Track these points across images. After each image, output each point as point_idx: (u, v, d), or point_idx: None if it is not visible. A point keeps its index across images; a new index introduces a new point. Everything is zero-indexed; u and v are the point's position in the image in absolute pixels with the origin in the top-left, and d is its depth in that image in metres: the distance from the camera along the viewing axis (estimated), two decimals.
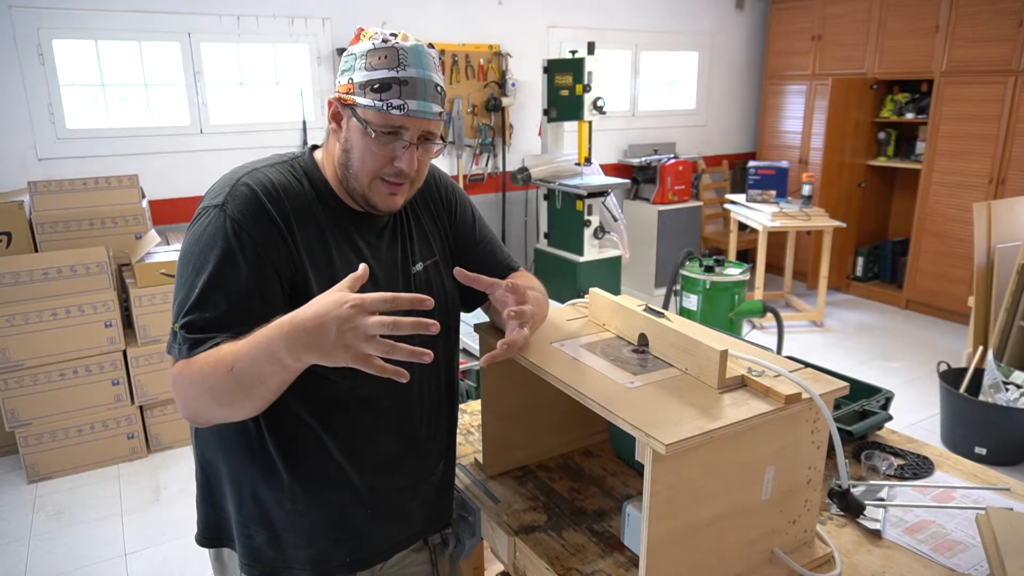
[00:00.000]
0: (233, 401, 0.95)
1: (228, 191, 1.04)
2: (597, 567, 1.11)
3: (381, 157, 1.05)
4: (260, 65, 4.11)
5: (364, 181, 1.07)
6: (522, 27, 4.89)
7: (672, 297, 3.78)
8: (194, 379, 0.95)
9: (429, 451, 1.22)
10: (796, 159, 5.70)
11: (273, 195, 1.05)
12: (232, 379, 0.92)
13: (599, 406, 0.99)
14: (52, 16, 3.46)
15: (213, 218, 1.02)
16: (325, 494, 1.12)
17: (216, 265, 0.99)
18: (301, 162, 1.13)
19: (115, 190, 3.18)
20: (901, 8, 4.93)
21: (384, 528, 1.19)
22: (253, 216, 1.02)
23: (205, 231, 1.02)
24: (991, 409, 3.08)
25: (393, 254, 1.17)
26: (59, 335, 2.96)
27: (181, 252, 1.05)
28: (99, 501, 2.90)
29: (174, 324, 1.01)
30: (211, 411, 0.99)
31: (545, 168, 4.49)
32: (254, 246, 1.01)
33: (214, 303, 0.99)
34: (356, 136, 1.05)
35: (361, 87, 1.03)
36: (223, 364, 0.92)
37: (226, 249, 1.00)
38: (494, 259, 1.31)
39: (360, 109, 1.03)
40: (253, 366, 0.90)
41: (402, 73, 1.02)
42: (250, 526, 1.12)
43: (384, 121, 1.03)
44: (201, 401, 0.98)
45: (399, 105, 1.01)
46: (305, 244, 1.06)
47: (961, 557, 1.13)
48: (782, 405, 0.97)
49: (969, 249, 4.28)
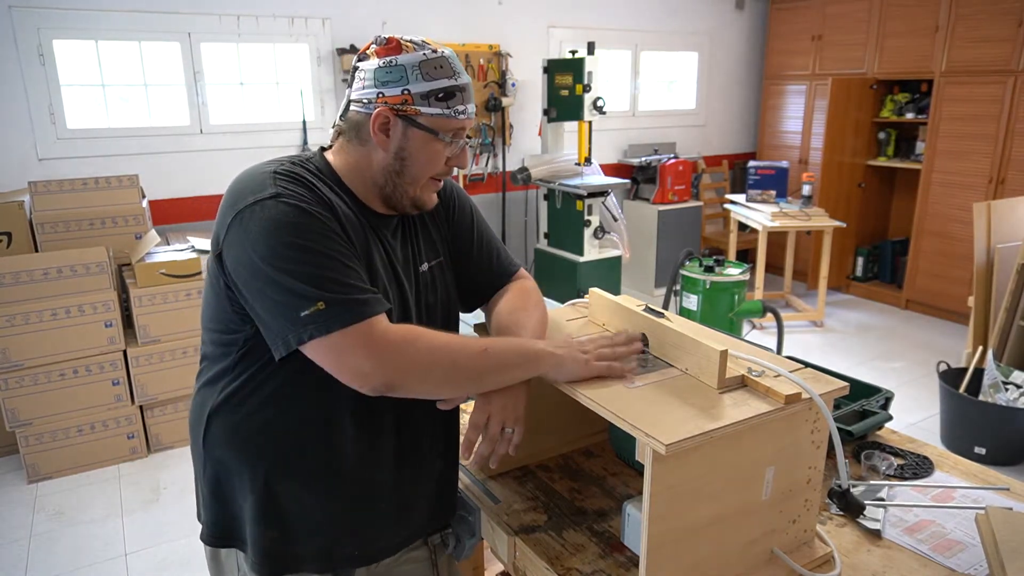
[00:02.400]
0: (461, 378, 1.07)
1: (272, 182, 1.03)
2: (597, 567, 1.11)
3: (441, 159, 1.13)
4: (260, 65, 4.11)
5: (420, 184, 1.14)
6: (522, 27, 4.89)
7: (672, 297, 3.78)
8: (439, 348, 1.04)
9: (432, 444, 1.23)
10: (796, 159, 5.70)
11: (311, 181, 1.07)
12: (479, 362, 1.06)
13: (599, 406, 0.99)
14: (52, 16, 3.46)
15: (273, 207, 1.00)
16: (337, 488, 1.13)
17: (311, 239, 0.99)
18: (315, 163, 1.14)
19: (115, 190, 3.18)
20: (901, 8, 4.93)
21: (391, 523, 1.20)
22: (309, 196, 1.04)
23: (274, 220, 0.99)
24: (991, 409, 3.08)
25: (406, 254, 1.20)
26: (59, 335, 2.96)
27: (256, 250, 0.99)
28: (99, 501, 2.90)
29: (312, 308, 0.97)
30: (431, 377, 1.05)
31: (545, 168, 4.49)
32: (324, 219, 1.03)
33: (339, 266, 1.00)
34: (419, 144, 1.10)
35: (424, 97, 1.07)
36: (473, 344, 1.06)
37: (308, 224, 1.00)
38: (491, 263, 1.32)
39: (424, 118, 1.08)
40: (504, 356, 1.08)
41: (459, 81, 1.10)
42: (263, 522, 1.13)
43: (452, 126, 1.11)
44: (431, 372, 1.04)
45: (463, 110, 1.11)
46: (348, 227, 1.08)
47: (961, 557, 1.13)
48: (782, 405, 0.97)
49: (969, 249, 4.28)
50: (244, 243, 1.00)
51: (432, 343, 1.03)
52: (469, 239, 1.30)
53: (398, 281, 1.15)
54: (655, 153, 5.50)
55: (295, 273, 0.98)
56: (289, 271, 0.98)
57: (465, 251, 1.29)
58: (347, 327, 0.98)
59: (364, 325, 0.99)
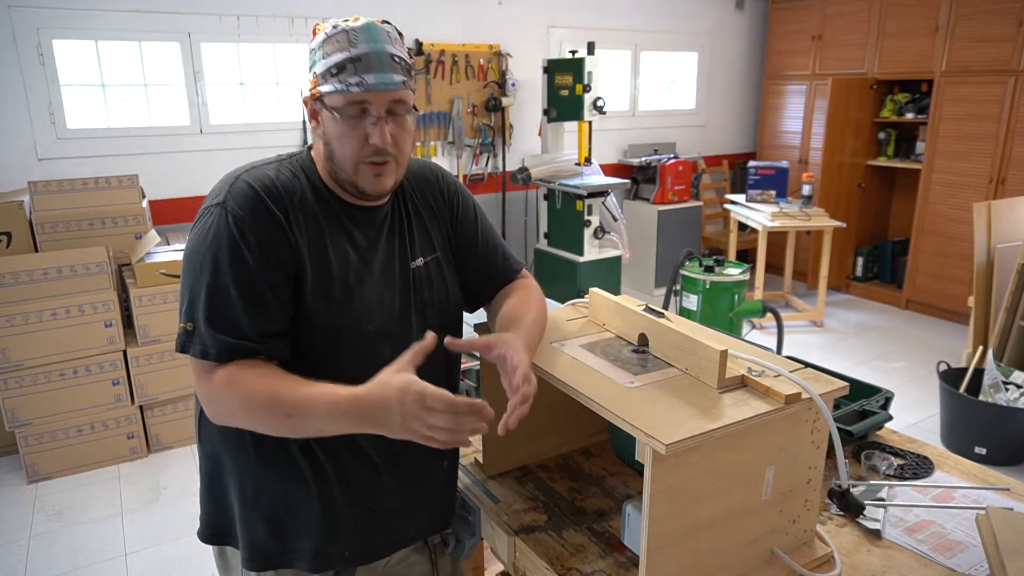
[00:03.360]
0: (276, 431, 1.03)
1: (228, 189, 1.06)
2: (597, 567, 1.11)
3: (356, 139, 1.06)
4: (260, 65, 4.10)
5: (349, 168, 1.09)
6: (522, 27, 4.89)
7: (672, 297, 3.78)
8: (244, 402, 0.99)
9: (431, 449, 1.22)
10: (796, 159, 5.70)
11: (272, 191, 1.07)
12: (287, 424, 0.99)
13: (599, 406, 0.99)
14: (52, 16, 3.46)
15: (216, 216, 1.04)
16: (328, 488, 1.13)
17: (224, 262, 1.01)
18: (299, 159, 1.15)
19: (115, 190, 3.18)
20: (901, 8, 4.93)
21: (386, 524, 1.19)
22: (253, 211, 1.04)
23: (209, 230, 1.04)
24: (991, 409, 3.08)
25: (391, 247, 1.17)
26: (59, 335, 2.96)
27: (186, 251, 1.07)
28: (99, 501, 2.89)
29: (186, 322, 1.03)
30: (247, 426, 1.04)
31: (545, 168, 4.49)
32: (257, 241, 1.03)
33: (229, 300, 1.01)
34: (330, 126, 1.08)
35: (323, 77, 1.06)
36: (279, 407, 0.97)
37: (232, 245, 1.02)
38: (495, 262, 1.31)
39: (326, 98, 1.06)
40: (312, 422, 0.98)
41: (354, 51, 1.03)
42: (252, 519, 1.13)
43: (347, 101, 1.04)
44: (240, 419, 1.03)
45: (357, 82, 1.03)
46: (304, 239, 1.07)
47: (961, 557, 1.13)
48: (782, 405, 0.97)
49: (969, 249, 4.28)
50: (188, 238, 1.07)
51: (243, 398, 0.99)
52: (473, 238, 1.29)
53: (371, 272, 1.12)
54: (655, 153, 5.50)
55: (191, 286, 1.03)
56: (189, 282, 1.04)
57: (469, 250, 1.28)
58: (195, 357, 1.02)
59: (202, 363, 1.02)
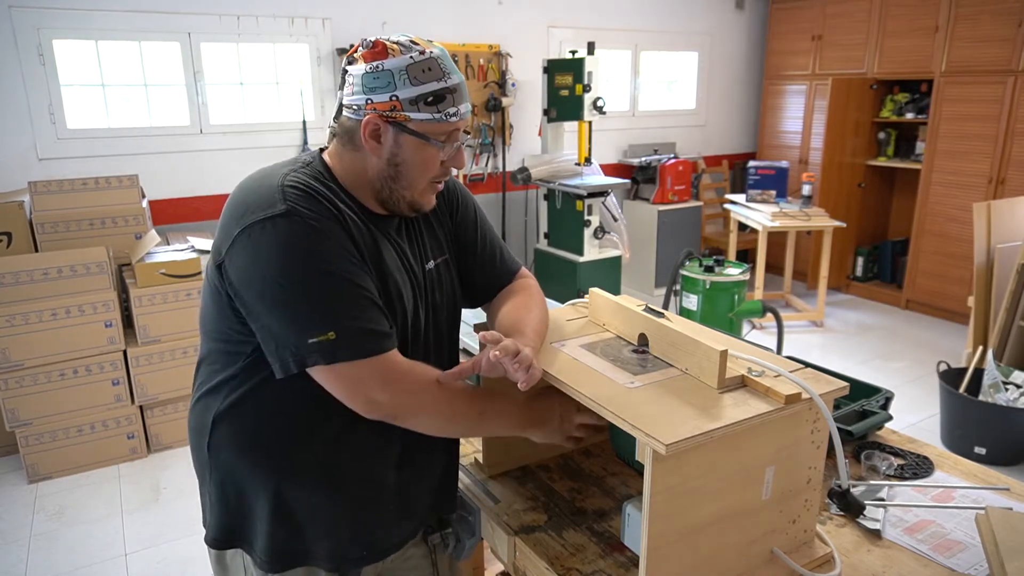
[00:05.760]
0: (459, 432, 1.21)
1: (281, 197, 1.02)
2: (597, 567, 1.11)
3: (437, 163, 1.12)
4: (260, 65, 4.10)
5: (418, 189, 1.13)
6: (522, 27, 4.89)
7: (672, 297, 3.78)
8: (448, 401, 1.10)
9: (435, 444, 1.23)
10: (796, 159, 5.70)
11: (321, 195, 1.06)
12: (476, 422, 1.15)
13: (599, 406, 0.99)
14: (52, 16, 3.45)
15: (285, 227, 0.99)
16: (346, 488, 1.14)
17: (324, 263, 1.00)
18: (314, 168, 1.12)
19: (115, 190, 3.18)
20: (901, 8, 4.93)
21: (397, 521, 1.21)
22: (321, 212, 1.03)
23: (287, 241, 0.99)
24: (991, 409, 3.08)
25: (413, 252, 1.20)
26: (59, 335, 2.96)
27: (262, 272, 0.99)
28: (99, 501, 2.89)
29: (324, 334, 0.99)
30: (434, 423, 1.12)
31: (545, 168, 4.48)
32: (338, 238, 1.03)
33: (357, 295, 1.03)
34: (412, 150, 1.09)
35: (412, 102, 1.05)
36: (474, 405, 1.13)
37: (320, 246, 1.00)
38: (494, 263, 1.32)
39: (415, 123, 1.07)
40: (495, 427, 1.20)
41: (450, 82, 1.07)
42: (273, 522, 1.13)
43: (444, 129, 1.09)
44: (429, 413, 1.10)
45: (454, 112, 1.09)
46: (358, 237, 1.08)
47: (961, 557, 1.13)
48: (782, 405, 0.97)
49: (969, 249, 4.28)
50: (255, 262, 1.00)
51: (439, 397, 1.08)
52: (473, 238, 1.30)
53: (412, 279, 1.16)
54: (655, 153, 5.50)
55: (307, 298, 0.99)
56: (302, 295, 0.99)
57: (469, 250, 1.29)
58: (362, 358, 1.01)
59: (381, 359, 1.03)
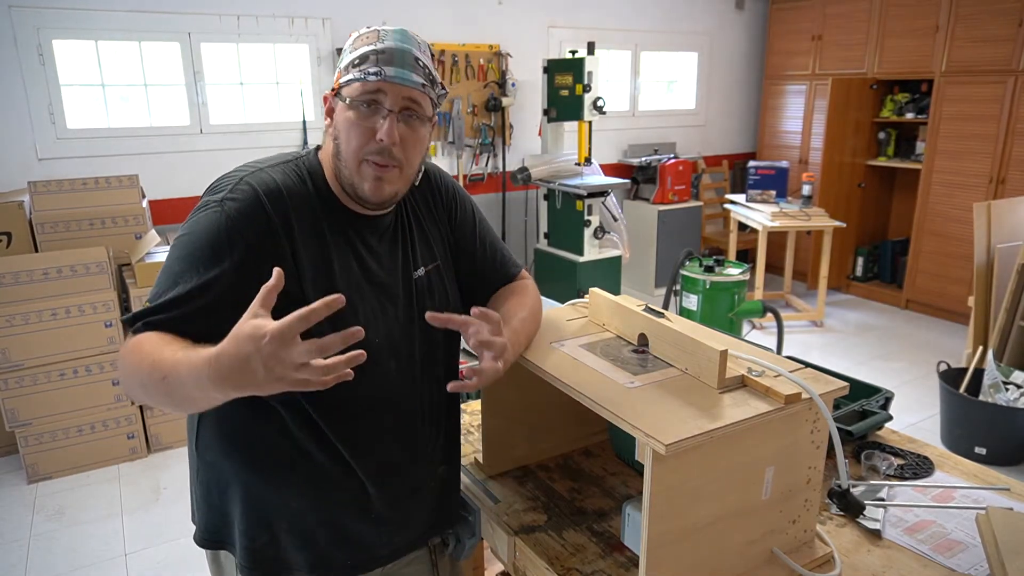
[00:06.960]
0: (162, 404, 0.95)
1: (230, 188, 1.04)
2: (597, 567, 1.11)
3: (364, 132, 1.03)
4: (260, 65, 4.10)
5: (352, 165, 1.05)
6: (522, 27, 4.89)
7: (672, 297, 3.78)
8: (135, 367, 0.92)
9: (431, 455, 1.21)
10: (796, 159, 5.70)
11: (275, 196, 1.04)
12: (164, 388, 0.88)
13: (599, 406, 0.99)
14: (52, 16, 3.45)
15: (211, 213, 1.02)
16: (328, 497, 1.12)
17: (201, 260, 0.99)
18: (305, 162, 1.12)
19: (115, 190, 3.18)
20: (901, 8, 4.93)
21: (386, 533, 1.18)
22: (250, 217, 1.01)
23: (199, 224, 1.02)
24: (991, 409, 3.08)
25: (395, 258, 1.16)
26: (59, 335, 2.96)
27: (175, 239, 1.04)
28: (99, 501, 2.89)
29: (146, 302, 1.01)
30: (144, 401, 1.01)
31: (545, 168, 4.49)
32: (244, 249, 1.00)
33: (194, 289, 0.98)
34: (342, 118, 1.06)
35: (345, 69, 1.05)
36: (158, 369, 0.88)
37: (216, 247, 0.99)
38: (494, 265, 1.30)
39: (344, 89, 1.05)
40: (183, 388, 0.87)
41: (380, 45, 1.03)
42: (252, 528, 1.12)
43: (363, 90, 1.03)
44: (134, 391, 0.96)
45: (375, 72, 1.02)
46: (304, 248, 1.05)
47: (961, 557, 1.13)
48: (782, 405, 0.97)
49: (969, 249, 4.28)
50: (181, 227, 1.06)
51: (134, 363, 0.93)
52: (472, 240, 1.28)
53: (376, 286, 1.11)
54: (655, 153, 5.50)
55: (167, 275, 1.00)
56: (167, 270, 1.01)
57: (468, 252, 1.27)
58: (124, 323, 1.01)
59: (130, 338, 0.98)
